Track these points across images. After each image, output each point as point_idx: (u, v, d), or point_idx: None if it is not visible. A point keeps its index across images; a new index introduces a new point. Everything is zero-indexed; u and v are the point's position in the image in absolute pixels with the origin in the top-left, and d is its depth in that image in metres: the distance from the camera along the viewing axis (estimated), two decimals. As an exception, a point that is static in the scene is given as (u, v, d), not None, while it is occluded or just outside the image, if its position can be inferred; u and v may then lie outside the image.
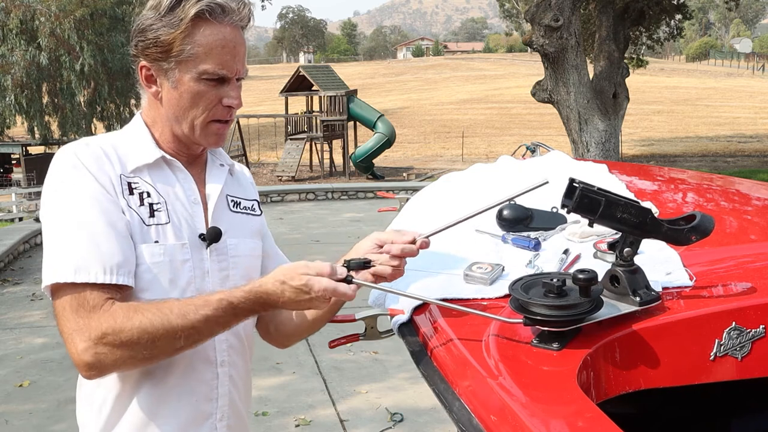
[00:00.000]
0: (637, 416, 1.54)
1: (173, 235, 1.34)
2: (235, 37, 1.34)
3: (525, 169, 2.02)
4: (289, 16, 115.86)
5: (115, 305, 1.23)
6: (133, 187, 1.33)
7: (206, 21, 1.31)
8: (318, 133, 21.98)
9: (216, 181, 1.45)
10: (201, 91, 1.33)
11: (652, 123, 31.21)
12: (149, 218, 1.32)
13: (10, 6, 23.00)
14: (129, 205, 1.31)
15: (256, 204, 1.55)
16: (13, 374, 5.17)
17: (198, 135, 1.38)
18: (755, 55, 65.96)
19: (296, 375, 5.03)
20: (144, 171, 1.36)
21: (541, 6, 10.50)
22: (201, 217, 1.40)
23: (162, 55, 1.33)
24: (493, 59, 73.62)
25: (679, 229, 1.15)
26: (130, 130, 1.42)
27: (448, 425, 3.92)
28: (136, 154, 1.37)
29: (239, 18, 1.34)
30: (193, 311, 1.22)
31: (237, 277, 1.42)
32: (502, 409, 0.93)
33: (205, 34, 1.31)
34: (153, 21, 1.33)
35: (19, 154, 25.91)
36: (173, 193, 1.38)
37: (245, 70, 1.38)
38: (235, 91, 1.36)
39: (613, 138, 11.42)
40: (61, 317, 1.24)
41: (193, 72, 1.32)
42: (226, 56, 1.32)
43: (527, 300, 1.07)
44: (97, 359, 1.21)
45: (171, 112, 1.37)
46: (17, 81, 23.03)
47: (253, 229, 1.51)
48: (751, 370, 1.13)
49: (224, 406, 1.42)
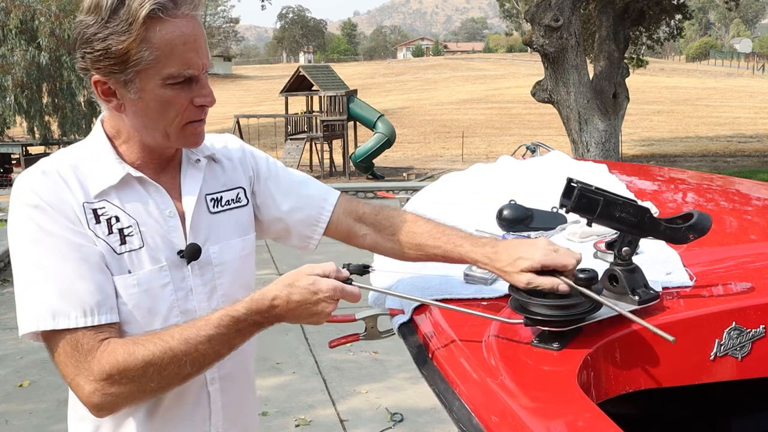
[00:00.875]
0: (637, 416, 1.54)
1: (148, 260, 1.26)
2: (193, 28, 1.20)
3: (525, 169, 2.03)
4: (289, 16, 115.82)
5: (111, 343, 1.18)
6: (99, 214, 1.23)
7: (159, 19, 1.16)
8: (318, 133, 21.96)
9: (192, 186, 1.34)
10: (169, 98, 1.20)
11: (652, 123, 31.20)
12: (120, 246, 1.23)
13: (10, 6, 22.99)
14: (97, 235, 1.21)
15: (242, 192, 1.42)
16: (13, 374, 5.17)
17: (174, 141, 1.27)
18: (755, 55, 65.95)
19: (296, 375, 5.02)
20: (110, 193, 1.25)
21: (541, 6, 10.49)
22: (179, 232, 1.30)
23: (117, 68, 1.18)
24: (493, 59, 73.60)
25: (677, 228, 1.15)
26: (90, 144, 1.29)
27: (448, 425, 3.92)
28: (99, 175, 1.25)
29: (193, 6, 1.20)
30: (195, 334, 1.17)
31: (225, 286, 1.36)
32: (502, 409, 0.93)
33: (161, 35, 1.16)
34: (97, 28, 1.17)
35: (19, 154, 25.89)
36: (145, 211, 1.27)
37: (210, 60, 1.25)
38: (205, 88, 1.23)
39: (613, 138, 11.41)
40: (59, 363, 1.19)
41: (156, 79, 1.18)
42: (189, 53, 1.19)
43: (527, 300, 1.07)
44: (105, 400, 1.17)
45: (139, 123, 1.24)
46: (17, 81, 23.01)
47: (240, 224, 1.41)
48: (751, 370, 1.13)
49: (218, 422, 1.40)
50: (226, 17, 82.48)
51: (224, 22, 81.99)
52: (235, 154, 1.45)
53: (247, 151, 1.48)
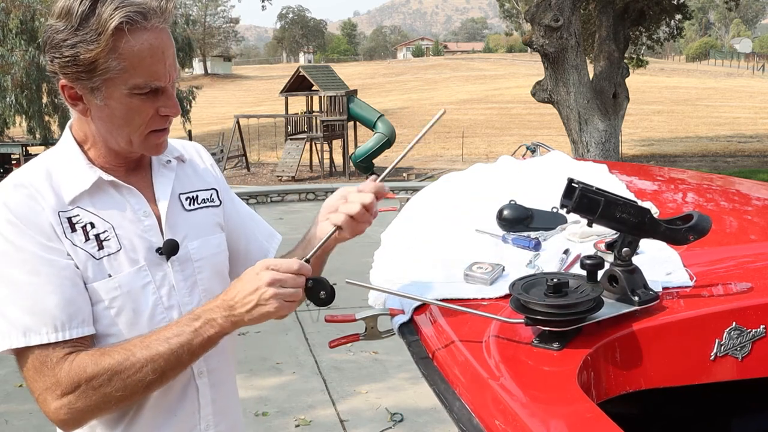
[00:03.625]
0: (637, 416, 1.54)
1: (127, 262, 1.27)
2: (162, 41, 1.21)
3: (525, 169, 2.02)
4: (289, 16, 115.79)
5: (80, 356, 1.20)
6: (74, 222, 1.24)
7: (128, 30, 1.17)
8: (318, 133, 21.96)
9: (164, 186, 1.37)
10: (134, 107, 1.22)
11: (652, 123, 31.20)
12: (98, 251, 1.25)
13: (10, 6, 22.99)
14: (74, 244, 1.23)
15: (214, 193, 1.46)
16: (13, 374, 5.16)
17: (137, 147, 1.29)
18: (755, 55, 65.93)
19: (296, 375, 5.02)
20: (83, 198, 1.26)
21: (541, 6, 10.49)
22: (156, 230, 1.32)
23: (85, 75, 1.20)
24: (493, 59, 73.57)
25: (676, 229, 1.15)
26: (61, 151, 1.32)
27: (448, 425, 3.92)
28: (71, 181, 1.26)
29: (163, 19, 1.21)
30: (155, 339, 1.20)
31: (206, 281, 1.38)
32: (502, 409, 0.93)
33: (129, 46, 1.18)
34: (67, 35, 1.18)
35: (19, 154, 25.89)
36: (119, 214, 1.29)
37: (177, 71, 1.28)
38: (171, 99, 1.26)
39: (613, 138, 11.41)
40: (28, 378, 1.22)
41: (122, 88, 1.20)
42: (156, 65, 1.21)
43: (528, 300, 1.07)
44: (72, 415, 1.19)
45: (104, 128, 1.27)
46: (17, 81, 23.00)
47: (215, 223, 1.44)
48: (751, 370, 1.13)
49: (208, 415, 1.41)
50: (226, 17, 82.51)
51: (224, 22, 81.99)
52: (207, 160, 1.51)
53: (214, 164, 1.54)
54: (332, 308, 1.36)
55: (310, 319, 5.90)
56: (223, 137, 24.43)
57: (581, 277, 1.13)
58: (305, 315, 6.05)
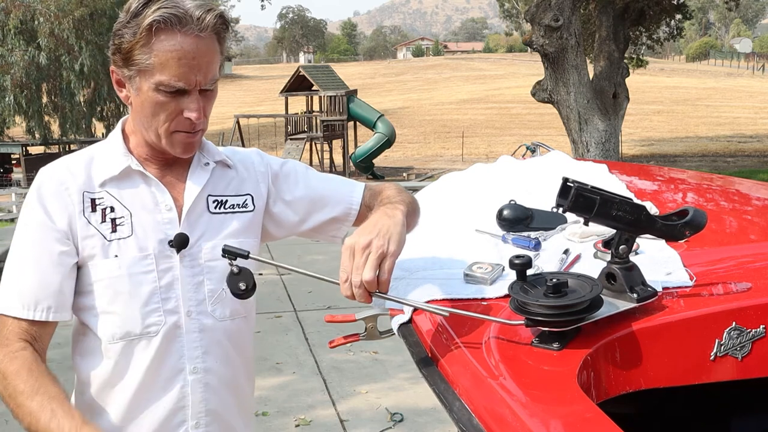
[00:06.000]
0: (637, 416, 1.54)
1: (136, 248, 1.34)
2: (196, 47, 1.28)
3: (525, 169, 2.02)
4: (289, 16, 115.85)
5: (23, 353, 1.29)
6: (96, 203, 1.35)
7: (163, 30, 1.26)
8: (318, 133, 21.98)
9: (195, 184, 1.42)
10: (160, 102, 1.30)
11: (652, 123, 31.21)
12: (111, 233, 1.34)
13: (10, 6, 23.01)
14: (89, 222, 1.33)
15: (249, 199, 1.48)
16: (13, 374, 5.17)
17: (164, 144, 1.35)
18: (755, 55, 65.95)
19: (296, 375, 5.03)
20: (111, 183, 1.37)
21: (541, 6, 10.50)
22: (175, 224, 1.38)
23: (123, 63, 1.31)
24: (493, 59, 73.62)
25: (672, 225, 1.15)
26: (109, 139, 1.43)
27: (448, 425, 3.92)
28: (104, 167, 1.38)
29: (200, 28, 1.28)
30: (51, 408, 1.24)
31: (214, 282, 1.40)
32: (502, 410, 0.93)
33: (161, 44, 1.27)
34: (121, 26, 1.30)
35: (19, 154, 25.90)
36: (140, 202, 1.37)
37: (212, 79, 1.32)
38: (195, 103, 1.31)
39: (613, 138, 11.42)
40: None
41: (150, 82, 1.29)
42: (182, 68, 1.27)
43: (527, 300, 1.07)
44: None
45: (136, 118, 1.37)
46: (17, 81, 23.02)
47: (241, 227, 1.45)
48: (751, 370, 1.13)
49: (200, 413, 1.41)
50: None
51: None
52: (256, 170, 1.51)
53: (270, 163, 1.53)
54: (332, 308, 1.35)
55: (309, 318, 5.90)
56: (223, 137, 24.43)
57: (581, 277, 1.13)
58: (305, 315, 6.06)
